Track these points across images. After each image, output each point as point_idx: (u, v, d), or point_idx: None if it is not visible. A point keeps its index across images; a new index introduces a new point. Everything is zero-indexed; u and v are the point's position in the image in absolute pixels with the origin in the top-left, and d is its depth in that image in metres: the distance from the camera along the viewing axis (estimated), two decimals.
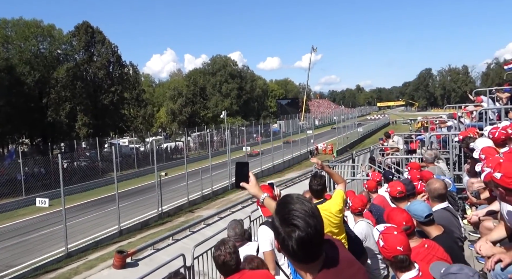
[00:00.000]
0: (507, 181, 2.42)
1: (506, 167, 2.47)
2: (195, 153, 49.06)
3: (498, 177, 2.47)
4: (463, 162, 7.66)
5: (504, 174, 2.44)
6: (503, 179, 2.44)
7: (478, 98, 11.76)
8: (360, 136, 56.04)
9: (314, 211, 1.43)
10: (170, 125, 59.55)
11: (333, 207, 3.93)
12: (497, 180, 2.47)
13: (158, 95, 74.59)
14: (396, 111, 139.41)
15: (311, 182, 4.12)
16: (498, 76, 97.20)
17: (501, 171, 2.46)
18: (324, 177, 4.40)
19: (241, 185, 2.49)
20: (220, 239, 2.73)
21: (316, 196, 4.12)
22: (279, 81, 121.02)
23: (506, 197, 2.50)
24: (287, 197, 1.53)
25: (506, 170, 2.45)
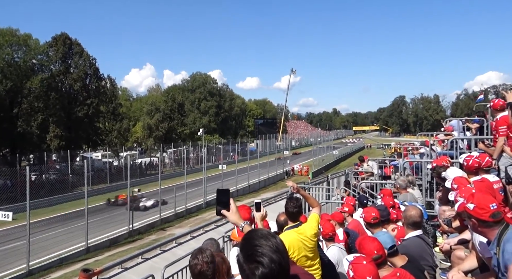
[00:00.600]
0: (480, 212, 2.48)
1: (479, 198, 2.53)
2: (170, 170, 48.33)
3: (471, 208, 2.52)
4: (435, 189, 7.85)
5: (477, 205, 2.50)
6: (475, 210, 2.50)
7: (449, 127, 12.20)
8: (336, 158, 56.78)
9: (279, 246, 1.43)
10: (145, 140, 58.67)
11: (308, 230, 3.91)
12: (470, 211, 2.53)
13: (135, 110, 73.65)
14: (371, 135, 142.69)
15: (287, 204, 4.10)
16: (467, 106, 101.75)
17: (474, 202, 2.52)
18: (300, 199, 4.40)
19: (222, 213, 2.48)
20: (198, 248, 2.65)
21: (292, 219, 4.09)
22: (258, 101, 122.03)
23: (479, 228, 2.55)
24: (251, 232, 1.53)
25: (479, 202, 2.51)
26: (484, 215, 2.48)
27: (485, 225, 2.51)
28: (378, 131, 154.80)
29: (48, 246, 17.08)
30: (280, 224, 4.45)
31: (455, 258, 3.60)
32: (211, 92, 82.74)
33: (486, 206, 2.49)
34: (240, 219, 2.49)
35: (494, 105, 6.37)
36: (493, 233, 2.50)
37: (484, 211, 2.48)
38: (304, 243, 3.72)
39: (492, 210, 2.47)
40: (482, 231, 2.56)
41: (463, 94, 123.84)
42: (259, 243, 1.42)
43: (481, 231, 2.57)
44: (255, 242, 1.44)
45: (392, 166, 12.62)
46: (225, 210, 2.49)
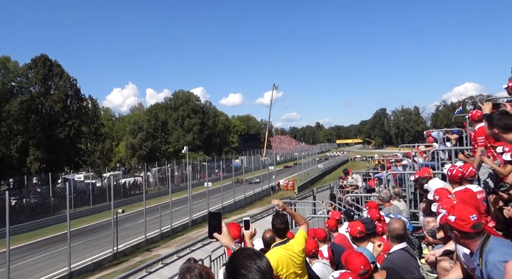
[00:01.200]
0: (461, 224, 2.53)
1: (460, 210, 2.59)
2: (154, 189, 47.64)
3: (452, 220, 2.57)
4: (419, 200, 7.96)
5: (458, 217, 2.55)
6: (457, 222, 2.55)
7: (430, 138, 12.47)
8: (321, 172, 57.08)
9: (262, 267, 1.47)
10: (129, 160, 57.78)
11: (296, 246, 3.91)
12: (452, 223, 2.58)
13: (118, 129, 72.78)
14: (354, 148, 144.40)
15: (273, 221, 4.09)
16: (446, 117, 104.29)
17: (455, 214, 2.57)
18: (287, 215, 4.41)
19: (214, 236, 2.50)
20: (187, 266, 2.62)
21: (279, 235, 4.07)
22: (241, 117, 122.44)
23: (461, 240, 2.60)
24: (237, 252, 1.58)
25: (459, 213, 2.56)
26: (465, 227, 2.52)
27: (467, 237, 2.55)
28: (361, 144, 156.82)
29: (29, 273, 16.46)
30: (266, 241, 4.44)
31: (440, 270, 3.65)
32: (194, 109, 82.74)
33: (466, 217, 2.54)
34: (231, 242, 2.51)
35: (472, 116, 6.57)
36: (475, 244, 2.54)
37: (465, 222, 2.52)
38: (293, 259, 3.72)
39: (472, 221, 2.51)
40: (464, 242, 2.60)
41: (442, 105, 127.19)
42: (243, 262, 1.45)
43: (463, 243, 2.61)
44: (239, 261, 1.47)
45: (376, 179, 12.77)
46: (217, 233, 2.49)
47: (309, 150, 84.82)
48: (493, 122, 3.45)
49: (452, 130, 11.43)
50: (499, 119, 3.40)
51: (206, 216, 28.38)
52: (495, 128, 3.44)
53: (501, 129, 3.39)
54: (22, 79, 40.37)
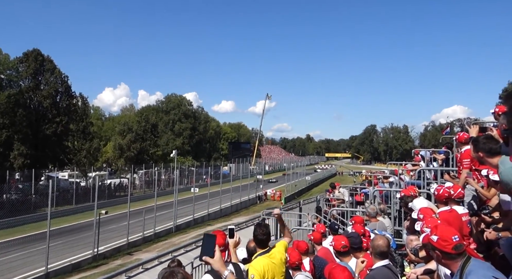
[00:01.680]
0: (443, 244, 2.55)
1: (442, 231, 2.61)
2: (140, 192, 47.13)
3: (434, 240, 2.59)
4: (403, 218, 8.01)
5: (440, 237, 2.57)
6: (439, 242, 2.56)
7: (417, 157, 12.62)
8: (308, 184, 57.19)
9: None
10: (116, 161, 57.16)
11: (278, 255, 3.93)
12: (434, 243, 2.59)
13: (107, 129, 72.12)
14: (342, 162, 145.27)
15: (255, 231, 4.07)
16: (434, 137, 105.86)
17: (438, 234, 2.59)
18: (269, 226, 4.41)
19: (204, 259, 2.47)
20: (170, 270, 2.58)
21: (261, 245, 4.06)
22: (233, 124, 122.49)
23: (442, 260, 2.61)
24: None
25: (442, 234, 2.58)
26: (447, 247, 2.54)
27: (448, 257, 2.56)
28: (350, 158, 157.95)
29: (3, 272, 16.04)
30: (250, 250, 4.42)
31: None
32: (186, 114, 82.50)
33: (448, 238, 2.55)
34: (223, 267, 2.51)
35: (459, 138, 6.67)
36: (456, 265, 2.55)
37: (447, 243, 2.54)
38: (277, 267, 3.75)
39: (454, 242, 2.53)
40: (446, 263, 2.61)
41: (430, 125, 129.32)
42: None
43: (445, 263, 2.63)
44: None
45: (363, 194, 12.83)
46: (209, 256, 2.49)
47: (298, 161, 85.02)
48: (478, 145, 3.49)
49: (439, 151, 11.60)
50: (484, 143, 3.45)
51: (191, 222, 28.15)
52: (480, 152, 3.49)
53: (486, 153, 3.44)
54: (12, 72, 39.82)
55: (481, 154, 3.50)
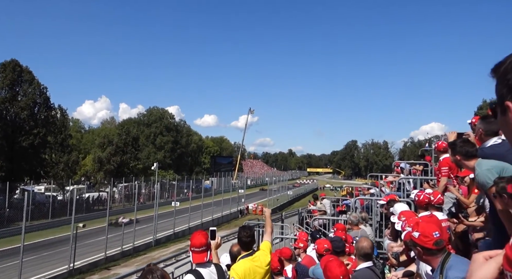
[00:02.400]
0: (424, 240, 2.62)
1: (423, 227, 2.69)
2: (119, 205, 46.13)
3: (416, 236, 2.66)
4: (384, 228, 8.12)
5: (421, 234, 2.64)
6: (420, 238, 2.64)
7: (397, 169, 12.90)
8: (290, 199, 57.21)
9: None
10: (95, 174, 55.93)
11: (262, 257, 3.95)
12: (415, 239, 2.67)
13: (86, 142, 70.74)
14: (324, 177, 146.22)
15: (240, 234, 4.07)
16: (413, 153, 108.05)
17: (419, 230, 2.67)
18: (253, 228, 4.43)
19: None
20: (148, 268, 2.54)
21: (246, 248, 4.07)
22: (215, 138, 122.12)
23: (423, 256, 2.68)
24: None
25: (423, 230, 2.66)
26: (428, 243, 2.62)
27: (429, 253, 2.64)
28: (331, 174, 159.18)
29: None
30: (234, 255, 4.41)
31: None
32: (168, 127, 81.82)
33: (429, 234, 2.63)
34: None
35: (438, 146, 6.88)
36: (436, 261, 2.63)
37: (428, 239, 2.62)
38: (259, 270, 3.75)
39: (435, 238, 2.61)
40: (426, 259, 2.68)
41: (409, 141, 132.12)
42: None
43: (425, 259, 2.69)
44: None
45: (344, 205, 12.95)
46: None
47: (280, 176, 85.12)
48: (456, 149, 3.62)
49: (417, 163, 11.91)
50: (461, 147, 3.58)
51: (171, 236, 27.69)
52: (457, 155, 3.62)
53: (463, 156, 3.57)
54: None
55: (458, 157, 3.62)
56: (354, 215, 7.21)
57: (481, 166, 3.23)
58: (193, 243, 3.65)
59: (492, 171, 3.08)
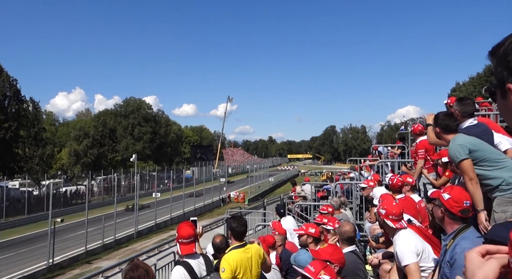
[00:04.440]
0: (453, 204, 2.62)
1: (457, 192, 2.70)
2: (98, 198, 45.36)
3: (445, 198, 2.66)
4: (364, 211, 8.25)
5: (452, 198, 2.64)
6: (449, 201, 2.64)
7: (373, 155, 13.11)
8: (272, 185, 57.60)
9: None
10: (72, 168, 54.71)
11: (254, 249, 3.87)
12: (443, 201, 2.67)
13: (61, 135, 68.88)
14: (304, 163, 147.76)
15: (233, 223, 3.88)
16: (390, 137, 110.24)
17: (451, 194, 2.67)
18: (245, 218, 4.42)
19: None
20: (132, 263, 2.46)
21: (238, 238, 3.87)
22: (194, 127, 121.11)
23: (444, 219, 2.68)
24: None
25: (455, 195, 2.66)
26: (455, 208, 2.61)
27: (451, 218, 2.64)
28: (311, 159, 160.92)
29: None
30: (216, 246, 4.34)
31: (382, 272, 3.75)
32: (146, 117, 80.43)
33: (460, 200, 2.62)
34: None
35: (414, 129, 6.96)
36: (453, 227, 2.63)
37: (456, 204, 2.61)
38: (251, 263, 3.70)
39: (464, 207, 2.61)
40: (446, 222, 2.68)
41: (386, 125, 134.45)
42: None
43: (445, 222, 2.69)
44: None
45: (325, 190, 13.08)
46: None
47: (261, 163, 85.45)
48: (437, 121, 3.66)
49: (394, 145, 12.10)
50: (443, 120, 3.62)
51: (153, 227, 27.52)
52: (438, 127, 3.66)
53: (442, 129, 3.61)
54: None
55: (438, 130, 3.67)
56: (335, 200, 7.28)
57: (454, 141, 3.27)
58: (181, 234, 3.56)
59: (463, 147, 3.13)
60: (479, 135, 3.54)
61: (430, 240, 3.67)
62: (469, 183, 3.02)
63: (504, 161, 3.09)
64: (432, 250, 3.37)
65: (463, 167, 3.09)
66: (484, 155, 3.09)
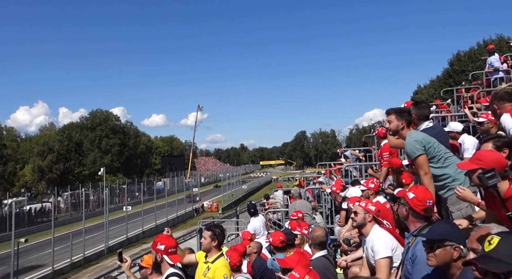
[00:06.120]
0: (416, 203, 2.71)
1: (420, 192, 2.78)
2: (65, 215, 43.66)
3: (409, 197, 2.74)
4: (334, 215, 8.38)
5: (417, 197, 2.72)
6: (413, 200, 2.72)
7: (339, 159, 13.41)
8: (245, 193, 57.51)
9: None
10: (36, 184, 52.44)
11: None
12: (408, 199, 2.75)
13: (24, 151, 65.79)
14: (277, 169, 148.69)
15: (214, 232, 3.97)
16: (359, 140, 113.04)
17: (415, 193, 2.76)
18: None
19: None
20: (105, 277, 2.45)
21: (219, 247, 4.04)
22: (165, 138, 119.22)
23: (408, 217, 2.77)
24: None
25: (419, 194, 2.75)
26: (418, 207, 2.70)
27: (414, 216, 2.74)
28: (283, 165, 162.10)
29: None
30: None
31: (351, 274, 3.83)
32: (114, 129, 78.36)
33: (424, 199, 2.72)
34: None
35: (379, 133, 7.17)
36: (416, 225, 2.73)
37: (420, 203, 2.70)
38: None
39: (427, 205, 2.71)
40: (410, 220, 2.77)
41: (354, 129, 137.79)
42: None
43: (409, 220, 2.78)
44: None
45: None
46: None
47: (233, 171, 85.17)
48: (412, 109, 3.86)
49: (359, 149, 12.43)
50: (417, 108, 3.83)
51: (124, 241, 26.85)
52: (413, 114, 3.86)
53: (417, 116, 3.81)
54: None
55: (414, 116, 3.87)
56: (294, 189, 7.55)
57: (410, 137, 3.45)
58: (170, 244, 3.53)
59: (419, 142, 3.32)
60: (435, 136, 3.73)
61: (398, 240, 3.80)
62: (424, 177, 3.19)
63: (450, 159, 3.29)
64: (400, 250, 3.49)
65: (419, 161, 3.26)
66: (434, 151, 3.29)
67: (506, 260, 1.48)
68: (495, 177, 2.30)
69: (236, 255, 4.91)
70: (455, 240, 2.13)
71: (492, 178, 2.30)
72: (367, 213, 3.45)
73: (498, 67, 10.40)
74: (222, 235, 4.00)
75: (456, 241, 2.13)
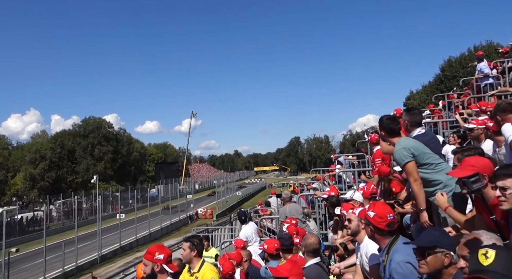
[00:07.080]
0: (378, 220, 2.73)
1: (379, 208, 2.80)
2: (58, 224, 43.14)
3: (371, 216, 2.77)
4: (328, 221, 8.38)
5: (377, 214, 2.75)
6: (375, 218, 2.75)
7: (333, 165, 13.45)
8: (239, 199, 57.35)
9: None
10: (28, 193, 51.84)
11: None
12: (370, 218, 2.78)
13: (15, 159, 65.12)
14: (271, 175, 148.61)
15: (193, 242, 4.11)
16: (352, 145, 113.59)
17: (375, 210, 2.78)
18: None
19: None
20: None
21: (201, 254, 4.19)
22: (158, 144, 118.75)
23: (375, 235, 2.80)
24: None
25: (378, 211, 2.77)
26: (381, 224, 2.72)
27: (380, 233, 2.76)
28: (277, 171, 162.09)
29: None
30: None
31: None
32: (107, 136, 77.86)
33: (384, 215, 2.74)
34: None
35: (371, 139, 7.22)
36: (385, 241, 2.75)
37: (382, 220, 2.72)
38: None
39: (389, 220, 2.73)
40: (377, 238, 2.80)
41: (348, 134, 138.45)
42: None
43: (376, 238, 2.80)
44: None
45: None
46: None
47: (227, 177, 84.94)
48: (382, 125, 3.84)
49: (352, 154, 12.48)
50: (387, 124, 3.79)
51: (117, 250, 26.55)
52: (382, 131, 3.84)
53: (387, 133, 3.80)
54: None
55: (383, 133, 3.85)
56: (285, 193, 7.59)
57: (399, 144, 3.48)
58: (167, 253, 3.50)
59: (407, 149, 3.34)
60: (427, 143, 3.76)
61: None
62: (413, 184, 3.22)
63: (441, 165, 3.32)
64: None
65: (408, 168, 3.29)
66: (424, 158, 3.32)
67: (506, 274, 1.53)
68: (479, 181, 2.34)
69: (229, 264, 4.89)
70: (446, 246, 2.15)
71: (477, 183, 2.34)
72: (360, 220, 3.47)
73: (488, 73, 10.53)
74: (201, 244, 4.19)
75: (447, 247, 2.15)
